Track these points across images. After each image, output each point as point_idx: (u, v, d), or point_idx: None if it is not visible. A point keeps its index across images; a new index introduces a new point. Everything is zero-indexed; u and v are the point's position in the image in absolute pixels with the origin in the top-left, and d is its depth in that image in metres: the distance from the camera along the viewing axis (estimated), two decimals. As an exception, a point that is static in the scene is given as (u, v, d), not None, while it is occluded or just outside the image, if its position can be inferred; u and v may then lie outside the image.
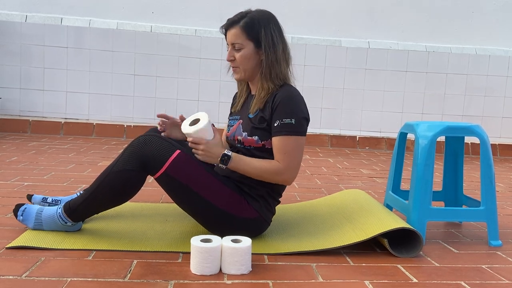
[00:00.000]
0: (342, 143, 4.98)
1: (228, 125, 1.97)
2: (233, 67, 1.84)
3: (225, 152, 1.72)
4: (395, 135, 5.10)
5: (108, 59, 4.85)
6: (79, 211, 1.75)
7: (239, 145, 1.82)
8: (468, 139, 4.92)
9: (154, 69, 4.91)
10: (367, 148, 5.00)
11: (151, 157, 1.66)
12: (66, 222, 1.77)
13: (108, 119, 4.88)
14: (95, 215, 2.03)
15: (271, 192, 1.82)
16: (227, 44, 1.82)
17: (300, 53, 5.00)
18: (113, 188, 1.68)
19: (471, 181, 3.46)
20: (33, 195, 2.02)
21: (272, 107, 1.75)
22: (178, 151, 1.69)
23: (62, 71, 4.81)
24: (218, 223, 1.76)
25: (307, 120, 1.79)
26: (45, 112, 4.82)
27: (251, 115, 1.81)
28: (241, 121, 1.85)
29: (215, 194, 1.71)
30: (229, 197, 1.74)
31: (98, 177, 1.72)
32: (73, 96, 4.85)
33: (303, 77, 5.01)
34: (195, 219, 1.82)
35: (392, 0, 5.19)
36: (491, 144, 4.88)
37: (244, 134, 1.81)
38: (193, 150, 1.73)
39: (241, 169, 1.74)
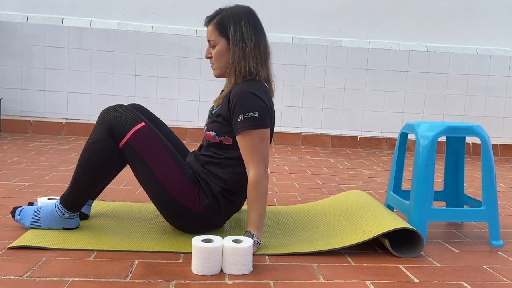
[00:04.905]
0: (343, 143, 4.98)
1: None
2: (211, 64, 1.85)
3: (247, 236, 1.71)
4: (396, 135, 5.10)
5: (109, 60, 4.85)
6: (71, 197, 1.77)
7: (206, 142, 1.85)
8: (469, 139, 4.92)
9: (155, 69, 4.92)
10: (368, 148, 5.00)
11: (116, 125, 1.71)
12: (63, 214, 1.78)
13: (109, 119, 4.88)
14: (94, 215, 2.04)
15: (224, 191, 1.80)
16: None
17: (301, 53, 5.00)
18: (91, 162, 1.72)
19: (472, 181, 3.46)
20: (33, 202, 2.03)
21: (229, 104, 1.74)
22: (143, 123, 1.73)
23: (63, 71, 4.82)
24: (165, 206, 1.76)
25: (269, 112, 1.76)
26: (46, 113, 4.82)
27: (213, 111, 1.83)
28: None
29: (168, 176, 1.72)
30: (181, 183, 1.73)
31: (78, 158, 1.77)
32: (74, 96, 4.85)
33: (304, 77, 5.02)
34: (151, 201, 1.81)
35: (393, 0, 5.19)
36: (492, 144, 4.90)
37: (205, 128, 1.86)
38: None
39: (260, 222, 1.71)
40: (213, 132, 1.80)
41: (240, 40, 1.75)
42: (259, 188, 1.71)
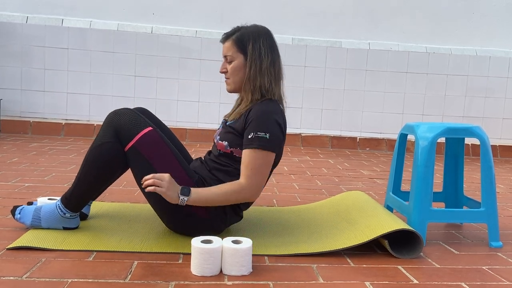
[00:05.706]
0: (342, 144, 4.98)
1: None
2: (225, 78, 1.89)
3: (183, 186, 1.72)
4: (395, 136, 5.10)
5: (109, 60, 4.86)
6: (74, 198, 1.78)
7: (216, 151, 1.86)
8: (469, 140, 4.92)
9: (155, 70, 4.92)
10: (367, 149, 5.00)
11: (123, 128, 1.72)
12: (64, 213, 1.79)
13: (109, 120, 4.88)
14: (94, 215, 2.04)
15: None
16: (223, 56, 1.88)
17: (300, 54, 5.00)
18: (96, 164, 1.74)
19: (472, 182, 3.46)
20: (33, 202, 2.03)
21: (246, 120, 1.77)
22: (150, 128, 1.74)
23: (63, 72, 4.82)
24: (169, 210, 1.76)
25: (280, 139, 1.78)
26: (45, 113, 4.82)
27: (228, 122, 1.86)
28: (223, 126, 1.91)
29: (175, 179, 1.71)
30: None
31: (83, 159, 1.78)
32: (73, 97, 4.85)
33: (303, 78, 5.02)
34: (149, 203, 1.82)
35: (392, 1, 5.20)
36: (492, 145, 4.89)
37: (218, 137, 1.87)
38: (156, 182, 1.65)
39: (204, 198, 1.71)
40: (226, 142, 1.81)
41: (257, 57, 1.80)
42: (233, 194, 1.72)
